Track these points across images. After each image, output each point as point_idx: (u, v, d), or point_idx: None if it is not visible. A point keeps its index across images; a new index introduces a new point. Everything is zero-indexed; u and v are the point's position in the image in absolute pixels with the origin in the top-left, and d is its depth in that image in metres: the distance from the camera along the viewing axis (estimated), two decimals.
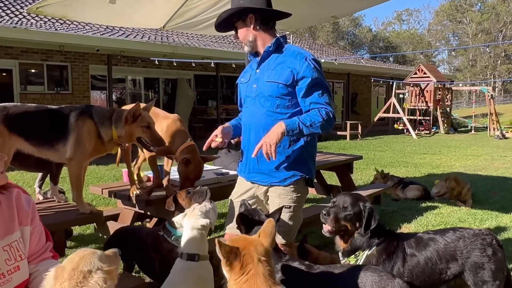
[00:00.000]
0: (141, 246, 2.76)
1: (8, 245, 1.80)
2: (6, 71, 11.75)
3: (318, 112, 2.36)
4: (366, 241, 2.34)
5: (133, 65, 14.29)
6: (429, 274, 2.32)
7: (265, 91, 2.47)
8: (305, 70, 2.39)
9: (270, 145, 2.25)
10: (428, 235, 2.44)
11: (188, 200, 2.58)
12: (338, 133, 16.44)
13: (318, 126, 2.34)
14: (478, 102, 29.05)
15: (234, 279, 1.66)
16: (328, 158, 5.35)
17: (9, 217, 1.82)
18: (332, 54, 23.36)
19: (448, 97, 20.07)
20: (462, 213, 5.44)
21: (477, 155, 11.43)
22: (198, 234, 2.25)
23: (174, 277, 2.22)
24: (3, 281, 1.78)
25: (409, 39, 58.50)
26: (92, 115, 2.70)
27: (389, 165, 9.53)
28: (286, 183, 2.49)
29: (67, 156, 2.68)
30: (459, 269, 2.33)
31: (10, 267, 1.80)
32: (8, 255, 1.79)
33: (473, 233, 2.39)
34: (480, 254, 2.30)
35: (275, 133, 2.28)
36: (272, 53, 2.51)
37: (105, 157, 3.01)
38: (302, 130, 2.33)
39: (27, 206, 1.90)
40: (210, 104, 16.85)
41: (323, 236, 4.61)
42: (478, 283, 2.30)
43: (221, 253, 1.65)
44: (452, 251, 2.33)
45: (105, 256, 1.65)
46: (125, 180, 3.95)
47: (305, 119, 2.35)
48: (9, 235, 1.80)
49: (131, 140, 2.74)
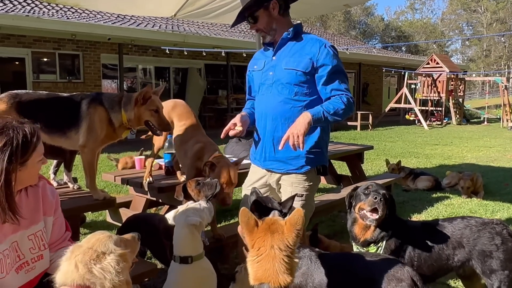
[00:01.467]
0: (153, 233, 2.79)
1: (33, 235, 1.85)
2: (19, 59, 11.88)
3: (340, 99, 2.39)
4: (385, 230, 2.35)
5: (144, 54, 14.34)
6: (436, 259, 2.33)
7: (282, 78, 2.46)
8: (325, 57, 2.41)
9: (297, 136, 2.26)
10: (436, 222, 2.45)
11: (197, 191, 2.57)
12: (348, 123, 16.35)
13: (341, 113, 2.38)
14: (491, 93, 28.63)
15: (250, 256, 1.69)
16: (338, 148, 5.35)
17: (35, 208, 1.86)
18: (343, 43, 23.14)
19: (461, 87, 19.81)
20: (474, 204, 5.41)
21: (489, 146, 11.30)
22: (190, 233, 2.16)
23: (171, 279, 2.19)
24: (27, 269, 1.83)
25: (422, 28, 57.64)
26: (103, 101, 2.72)
27: (400, 155, 9.47)
28: (302, 170, 2.50)
29: (80, 144, 2.71)
30: (467, 256, 2.33)
31: (34, 256, 1.85)
32: (32, 244, 1.85)
33: (482, 222, 2.38)
34: (487, 243, 2.29)
35: (302, 124, 2.28)
36: (289, 41, 2.51)
37: (117, 146, 3.05)
38: (327, 118, 2.36)
39: (52, 197, 1.95)
40: (221, 94, 16.86)
41: (332, 225, 4.64)
42: (486, 272, 2.29)
43: (240, 217, 1.69)
44: (458, 238, 2.33)
45: (120, 240, 1.69)
46: (138, 168, 4.00)
47: (329, 107, 2.37)
48: (34, 225, 1.85)
49: (140, 123, 2.74)
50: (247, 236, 1.71)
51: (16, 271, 1.79)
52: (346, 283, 2.10)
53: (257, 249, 1.67)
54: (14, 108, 2.60)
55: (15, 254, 1.78)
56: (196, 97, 15.30)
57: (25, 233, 1.81)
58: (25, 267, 1.83)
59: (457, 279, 3.10)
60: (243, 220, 1.70)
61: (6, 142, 1.66)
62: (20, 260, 1.80)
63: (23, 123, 1.76)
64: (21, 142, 1.68)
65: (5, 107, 2.58)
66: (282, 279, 1.62)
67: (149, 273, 2.62)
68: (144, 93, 2.65)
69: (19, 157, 1.68)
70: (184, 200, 2.59)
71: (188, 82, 15.39)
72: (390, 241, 2.35)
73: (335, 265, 2.15)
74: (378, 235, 2.35)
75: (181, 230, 2.18)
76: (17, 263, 1.79)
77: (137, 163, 4.03)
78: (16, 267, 1.79)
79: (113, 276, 1.55)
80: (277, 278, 1.61)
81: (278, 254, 1.63)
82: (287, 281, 1.62)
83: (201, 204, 2.31)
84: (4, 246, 1.73)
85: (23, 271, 1.82)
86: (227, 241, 3.16)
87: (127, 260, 1.69)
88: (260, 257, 1.65)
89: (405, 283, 1.92)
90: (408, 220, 2.54)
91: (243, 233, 1.72)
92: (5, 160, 1.63)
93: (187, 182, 2.68)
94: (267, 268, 1.62)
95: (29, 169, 1.75)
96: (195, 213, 2.21)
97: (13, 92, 2.69)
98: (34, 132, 1.75)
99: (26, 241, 1.82)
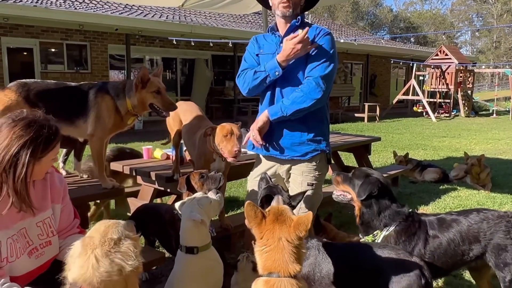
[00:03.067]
0: (160, 223, 2.81)
1: (42, 222, 1.88)
2: (27, 50, 11.92)
3: (301, 89, 2.41)
4: (378, 219, 2.35)
5: (151, 44, 14.32)
6: (451, 255, 2.29)
7: (290, 65, 2.46)
8: (319, 39, 2.45)
9: (252, 130, 2.44)
10: (451, 216, 2.40)
11: (201, 184, 2.57)
12: (356, 115, 16.29)
13: (299, 101, 2.39)
14: (500, 85, 28.31)
15: (258, 246, 1.70)
16: (346, 139, 5.33)
17: (43, 195, 1.90)
18: (351, 34, 22.94)
19: (469, 79, 19.58)
20: (481, 197, 5.38)
21: (498, 139, 11.20)
22: (194, 226, 2.16)
23: (177, 269, 2.21)
24: (36, 255, 1.87)
25: (431, 19, 56.90)
26: (109, 90, 2.74)
27: (407, 147, 9.43)
28: (307, 157, 2.51)
29: (89, 132, 2.73)
30: (481, 250, 2.30)
31: (43, 241, 1.89)
32: (41, 231, 1.88)
33: (497, 215, 2.34)
34: (503, 236, 2.26)
35: (259, 119, 2.45)
36: (298, 28, 2.50)
37: (125, 136, 3.06)
38: (285, 111, 2.41)
39: (59, 185, 1.98)
40: (228, 85, 16.82)
41: (339, 217, 4.65)
42: (500, 265, 2.26)
43: (246, 212, 1.70)
44: (475, 233, 2.29)
45: (127, 224, 1.70)
46: (145, 157, 4.02)
47: (286, 102, 2.43)
48: (42, 212, 1.88)
49: (144, 108, 2.73)
50: (255, 229, 1.72)
51: (28, 256, 1.83)
52: (353, 273, 2.11)
53: (265, 240, 1.67)
54: (22, 97, 2.63)
55: (24, 240, 1.82)
56: (203, 88, 15.29)
57: (34, 220, 1.85)
58: (35, 252, 1.87)
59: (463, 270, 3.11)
60: (249, 214, 1.70)
61: (33, 137, 1.70)
62: (29, 246, 1.84)
63: (48, 120, 1.80)
64: (45, 139, 1.72)
65: (14, 96, 2.61)
66: (292, 268, 1.63)
67: (157, 261, 2.65)
68: (140, 76, 2.64)
69: (39, 153, 1.72)
70: (187, 192, 2.58)
71: (195, 73, 15.38)
72: (391, 234, 2.32)
73: (343, 255, 2.16)
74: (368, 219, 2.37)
75: (186, 222, 2.19)
76: (27, 248, 1.83)
77: (144, 153, 4.05)
78: (28, 251, 1.83)
79: (133, 260, 1.57)
80: (287, 267, 1.63)
81: (286, 246, 1.64)
82: (296, 269, 1.63)
83: (211, 196, 2.29)
84: (12, 231, 1.77)
85: (34, 256, 1.86)
86: (234, 231, 3.18)
87: (139, 245, 1.71)
88: (269, 247, 1.66)
89: (413, 273, 1.93)
90: (422, 214, 2.49)
91: (250, 226, 1.73)
92: (28, 154, 1.68)
93: (191, 174, 2.67)
94: (276, 259, 1.64)
95: (42, 166, 1.79)
96: (200, 207, 2.20)
97: (22, 81, 2.71)
98: (57, 132, 1.79)
99: (35, 227, 1.86)
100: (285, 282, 1.62)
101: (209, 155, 2.90)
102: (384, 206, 2.36)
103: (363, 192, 2.35)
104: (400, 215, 2.36)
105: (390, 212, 2.35)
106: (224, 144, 2.71)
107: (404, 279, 1.92)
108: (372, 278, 2.04)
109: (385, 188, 2.39)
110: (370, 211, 2.37)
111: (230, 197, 5.14)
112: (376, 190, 2.34)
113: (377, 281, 2.01)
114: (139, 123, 12.46)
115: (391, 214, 2.35)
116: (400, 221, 2.34)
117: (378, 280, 2.00)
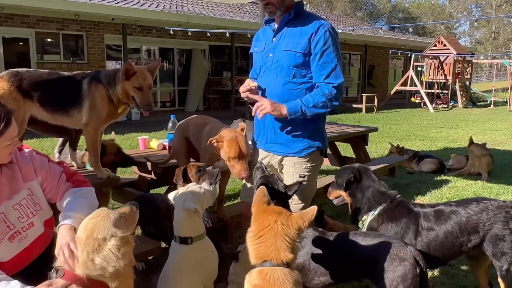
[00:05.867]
0: (156, 213, 2.81)
1: (18, 204, 1.88)
2: (23, 40, 11.83)
3: (321, 92, 2.37)
4: (363, 203, 2.38)
5: (148, 34, 14.22)
6: (449, 247, 2.28)
7: (282, 59, 2.44)
8: (322, 38, 2.36)
9: (265, 108, 2.34)
10: (450, 207, 2.36)
11: (197, 178, 2.55)
12: (353, 105, 16.25)
13: (320, 105, 2.36)
14: (499, 76, 28.29)
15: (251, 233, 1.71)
16: (343, 129, 5.32)
17: (12, 178, 1.88)
18: (349, 24, 22.82)
19: (468, 70, 19.55)
20: (478, 187, 5.40)
21: (495, 129, 11.22)
22: (187, 217, 2.15)
23: (172, 259, 2.20)
24: (19, 238, 1.87)
25: (429, 9, 56.60)
26: (102, 79, 2.71)
27: (404, 138, 9.43)
28: (302, 154, 2.50)
29: (83, 122, 2.71)
30: (479, 240, 2.29)
31: (24, 224, 1.89)
32: (19, 213, 1.88)
33: (497, 205, 2.31)
34: (502, 227, 2.25)
35: (276, 108, 2.35)
36: (290, 21, 2.46)
37: (122, 127, 3.04)
38: (305, 112, 2.36)
39: (26, 162, 1.94)
40: (225, 75, 16.75)
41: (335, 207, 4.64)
42: (497, 254, 2.26)
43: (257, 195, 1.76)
44: (474, 224, 2.27)
45: (120, 216, 1.68)
46: (141, 148, 4.01)
47: (308, 101, 2.36)
48: (16, 194, 1.88)
49: (128, 99, 2.68)
50: (255, 209, 1.72)
51: (9, 240, 1.83)
52: (348, 263, 2.11)
53: (260, 222, 1.67)
54: (15, 86, 2.60)
55: (5, 225, 1.83)
56: (200, 78, 15.22)
57: (9, 203, 1.85)
58: (17, 236, 1.87)
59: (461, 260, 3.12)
60: (259, 194, 1.74)
61: None
62: (10, 230, 1.85)
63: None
64: None
65: (7, 86, 2.58)
66: (284, 255, 1.62)
67: (153, 251, 2.65)
68: (125, 68, 2.60)
69: None
70: (183, 184, 2.55)
71: (192, 63, 15.29)
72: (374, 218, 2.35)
73: (338, 245, 2.16)
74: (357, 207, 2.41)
75: (179, 212, 2.17)
76: (8, 233, 1.83)
77: (140, 143, 4.04)
78: (8, 236, 1.83)
79: (115, 262, 1.59)
80: (278, 255, 1.62)
81: (280, 230, 1.64)
82: (288, 257, 1.63)
83: (204, 186, 2.28)
84: None
85: (16, 240, 1.86)
86: (231, 221, 3.18)
87: (129, 242, 1.69)
88: (262, 232, 1.65)
89: (407, 262, 1.93)
90: (419, 204, 2.46)
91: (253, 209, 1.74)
92: None
93: (188, 166, 2.65)
94: (269, 245, 1.63)
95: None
96: (194, 197, 2.18)
97: (14, 70, 2.67)
98: (3, 118, 1.75)
99: (12, 211, 1.86)
100: (278, 271, 1.61)
101: (214, 155, 2.79)
102: (366, 191, 2.39)
103: (341, 181, 2.41)
104: (384, 197, 2.37)
105: (374, 195, 2.38)
106: (231, 164, 2.51)
107: (399, 268, 1.92)
108: (367, 267, 2.05)
109: (365, 173, 2.43)
110: (355, 199, 2.42)
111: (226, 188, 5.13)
112: (352, 176, 2.38)
113: (372, 270, 2.02)
114: (136, 114, 12.42)
115: (376, 197, 2.38)
116: (385, 204, 2.36)
117: (373, 269, 2.00)
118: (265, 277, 1.61)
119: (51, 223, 2.06)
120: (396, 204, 2.36)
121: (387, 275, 1.93)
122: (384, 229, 2.31)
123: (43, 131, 3.09)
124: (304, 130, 2.46)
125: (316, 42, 2.36)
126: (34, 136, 2.84)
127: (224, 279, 2.51)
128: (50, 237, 2.04)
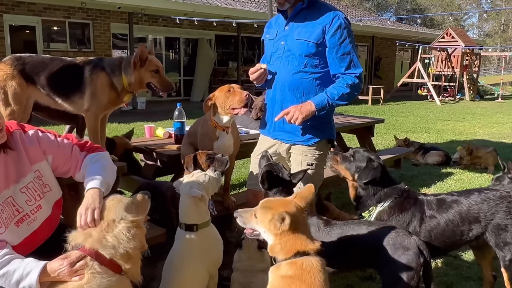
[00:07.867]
0: (162, 200, 2.82)
1: (25, 187, 1.88)
2: (30, 28, 11.84)
3: (345, 82, 2.38)
4: (373, 196, 2.36)
5: (154, 24, 14.19)
6: (449, 235, 2.29)
7: (293, 49, 2.43)
8: (337, 29, 2.36)
9: (297, 117, 2.33)
10: (452, 196, 2.38)
11: (207, 164, 2.56)
12: (359, 97, 16.14)
13: (346, 97, 2.40)
14: (507, 69, 28.03)
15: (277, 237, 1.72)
16: (349, 120, 5.31)
17: (19, 161, 1.87)
18: (356, 15, 22.61)
19: (476, 63, 19.35)
20: (483, 180, 5.38)
21: (502, 123, 11.13)
22: (193, 204, 2.16)
23: (177, 246, 2.22)
24: (29, 221, 1.88)
25: (438, 1, 55.92)
26: (104, 67, 2.70)
27: (410, 130, 9.39)
28: (309, 142, 2.51)
29: (84, 108, 2.72)
30: (482, 230, 2.30)
31: (32, 207, 1.90)
32: (27, 197, 1.89)
33: (499, 195, 2.32)
34: (504, 217, 2.25)
35: (307, 109, 2.35)
36: (303, 10, 2.45)
37: (127, 116, 3.04)
38: (332, 104, 2.40)
39: (33, 143, 1.92)
40: (231, 66, 16.71)
41: (341, 197, 4.66)
42: (500, 244, 2.27)
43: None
44: (475, 214, 2.28)
45: (132, 203, 1.73)
46: (147, 136, 4.02)
47: (333, 93, 2.38)
48: (23, 177, 1.88)
49: (142, 86, 2.69)
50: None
51: (16, 225, 1.84)
52: (353, 251, 2.12)
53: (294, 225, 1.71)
54: (18, 70, 2.60)
55: (13, 208, 1.83)
56: (206, 68, 15.19)
57: (17, 187, 1.85)
58: (26, 219, 1.88)
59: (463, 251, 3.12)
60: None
61: None
62: (19, 214, 1.85)
63: None
64: None
65: (10, 70, 2.58)
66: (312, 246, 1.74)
67: (159, 238, 2.67)
68: (139, 53, 2.60)
69: None
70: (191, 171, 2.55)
71: (198, 53, 15.26)
72: (385, 209, 2.33)
73: (342, 234, 2.16)
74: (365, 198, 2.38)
75: (185, 199, 2.19)
76: (16, 217, 1.84)
77: (146, 131, 4.05)
78: (16, 221, 1.84)
79: (126, 243, 1.66)
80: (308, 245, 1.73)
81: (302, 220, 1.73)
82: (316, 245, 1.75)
83: (209, 174, 2.29)
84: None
85: (25, 224, 1.87)
86: (236, 209, 3.18)
87: (140, 226, 1.75)
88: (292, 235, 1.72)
89: (411, 251, 1.94)
90: (422, 194, 2.48)
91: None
92: None
93: (197, 153, 2.66)
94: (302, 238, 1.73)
95: None
96: (199, 184, 2.20)
97: (17, 55, 2.68)
98: None
99: (20, 194, 1.86)
100: (311, 260, 1.68)
101: (212, 133, 2.86)
102: (380, 186, 2.37)
103: (365, 177, 2.34)
104: (395, 191, 2.36)
105: (386, 191, 2.37)
106: (230, 100, 2.69)
107: (403, 258, 1.93)
108: (371, 256, 2.05)
109: (384, 171, 2.40)
110: (366, 191, 2.38)
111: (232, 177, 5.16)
112: (379, 176, 2.34)
113: (376, 259, 2.03)
114: (142, 103, 12.43)
115: (387, 192, 2.37)
116: (395, 196, 2.35)
117: (377, 258, 2.01)
118: (300, 267, 1.66)
119: (59, 204, 2.07)
120: (405, 197, 2.36)
121: (391, 264, 1.94)
122: (393, 220, 2.31)
123: (50, 118, 3.10)
124: (313, 119, 2.45)
125: (332, 34, 2.36)
126: (40, 124, 2.84)
127: (229, 266, 2.53)
128: (58, 219, 2.06)
